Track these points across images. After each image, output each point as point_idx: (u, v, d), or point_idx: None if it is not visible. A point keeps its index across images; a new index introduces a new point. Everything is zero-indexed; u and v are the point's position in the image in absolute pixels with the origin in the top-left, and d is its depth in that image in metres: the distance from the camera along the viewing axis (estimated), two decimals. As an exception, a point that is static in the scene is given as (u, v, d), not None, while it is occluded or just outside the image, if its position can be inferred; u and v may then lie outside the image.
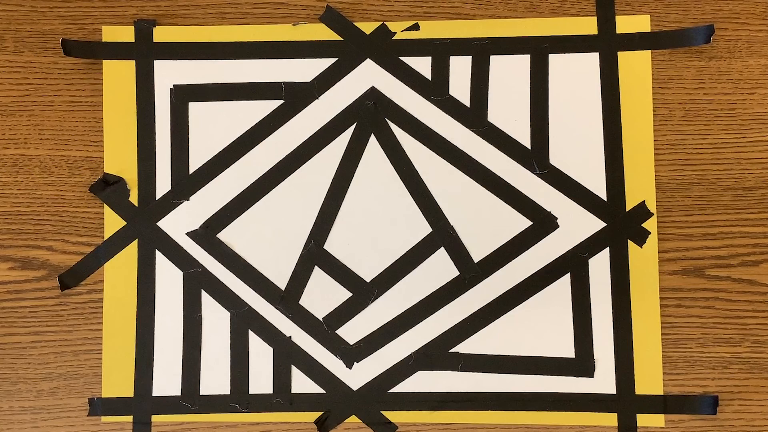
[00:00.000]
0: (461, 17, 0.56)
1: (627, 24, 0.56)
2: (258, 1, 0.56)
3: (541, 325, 0.54)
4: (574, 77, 0.55)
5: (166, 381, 0.55)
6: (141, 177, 0.56)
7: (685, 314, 0.54)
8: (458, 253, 0.55)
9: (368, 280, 0.55)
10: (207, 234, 0.55)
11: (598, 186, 0.55)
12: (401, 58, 0.56)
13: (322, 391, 0.54)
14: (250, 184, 0.55)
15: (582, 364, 0.54)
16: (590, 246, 0.54)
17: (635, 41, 0.55)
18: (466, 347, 0.54)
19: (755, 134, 0.55)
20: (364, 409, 0.54)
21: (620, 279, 0.54)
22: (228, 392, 0.54)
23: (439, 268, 0.55)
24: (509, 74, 0.56)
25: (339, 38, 0.56)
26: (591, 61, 0.56)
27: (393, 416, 0.54)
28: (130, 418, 0.54)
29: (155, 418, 0.54)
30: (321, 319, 0.55)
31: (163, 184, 0.56)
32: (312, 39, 0.56)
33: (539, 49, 0.56)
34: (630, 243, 0.54)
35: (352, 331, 0.55)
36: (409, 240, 0.55)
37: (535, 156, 0.55)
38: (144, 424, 0.54)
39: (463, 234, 0.55)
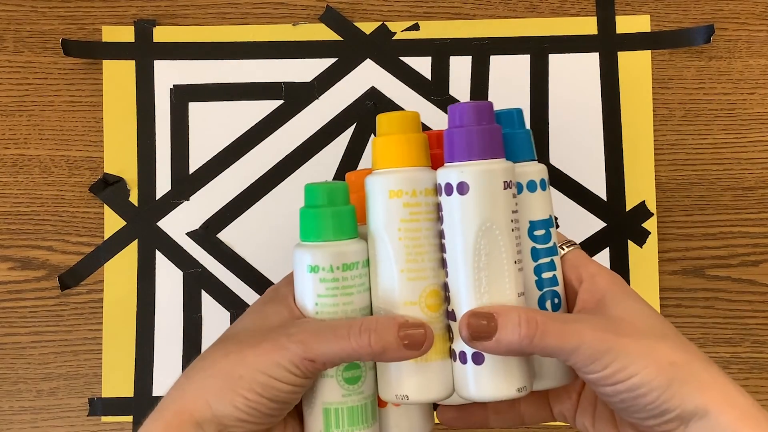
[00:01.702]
0: (461, 17, 0.56)
1: (627, 24, 0.56)
2: (258, 1, 0.56)
3: (541, 325, 0.54)
4: (574, 77, 0.55)
5: (166, 381, 0.54)
6: (141, 177, 0.56)
7: (685, 314, 0.54)
8: (458, 253, 0.54)
9: (368, 280, 0.55)
10: (207, 234, 0.55)
11: (598, 186, 0.55)
12: (401, 58, 0.56)
13: (322, 391, 0.54)
14: (250, 184, 0.55)
15: (582, 364, 0.54)
16: (590, 246, 0.54)
17: (635, 41, 0.55)
18: (466, 347, 0.54)
19: (755, 134, 0.55)
20: (364, 409, 0.54)
21: (620, 279, 0.54)
22: (228, 392, 0.54)
23: (439, 268, 0.55)
24: (509, 74, 0.56)
25: (339, 38, 0.56)
26: (591, 61, 0.56)
27: (393, 416, 0.54)
28: (130, 418, 0.54)
29: (155, 418, 0.54)
30: (321, 319, 0.55)
31: (163, 184, 0.56)
32: (312, 39, 0.56)
33: (539, 49, 0.56)
34: (630, 243, 0.54)
35: (352, 331, 0.55)
36: (409, 240, 0.55)
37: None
38: (144, 424, 0.54)
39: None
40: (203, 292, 0.55)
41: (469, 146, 0.33)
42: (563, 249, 0.38)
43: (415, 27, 0.56)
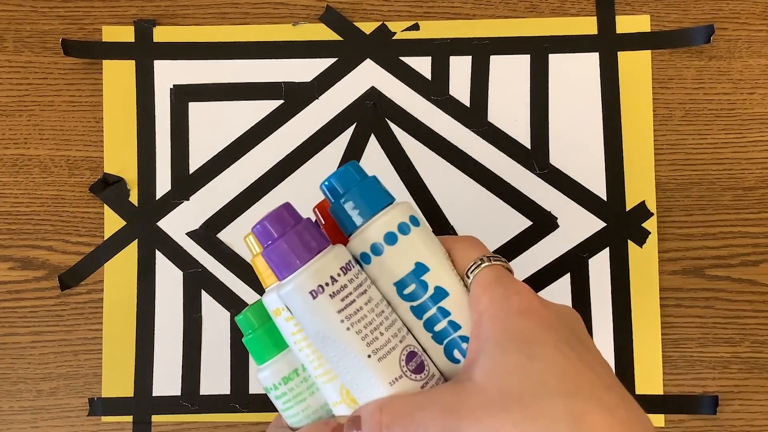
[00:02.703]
0: (461, 17, 0.56)
1: (627, 24, 0.56)
2: (258, 1, 0.56)
3: (541, 325, 0.54)
4: (574, 77, 0.55)
5: (166, 381, 0.54)
6: (141, 177, 0.56)
7: (685, 314, 0.54)
8: (458, 253, 0.54)
9: (368, 280, 0.55)
10: (207, 234, 0.55)
11: (598, 186, 0.55)
12: (401, 58, 0.56)
13: (322, 391, 0.54)
14: (250, 184, 0.55)
15: (582, 364, 0.54)
16: (590, 246, 0.54)
17: (635, 41, 0.55)
18: (466, 347, 0.54)
19: (755, 134, 0.55)
20: (364, 409, 0.54)
21: (620, 279, 0.54)
22: (228, 392, 0.54)
23: (439, 268, 0.55)
24: (509, 74, 0.56)
25: (339, 38, 0.56)
26: (591, 61, 0.56)
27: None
28: (130, 418, 0.54)
29: (155, 418, 0.54)
30: (321, 319, 0.55)
31: (163, 184, 0.56)
32: (312, 39, 0.56)
33: (539, 49, 0.56)
34: (630, 243, 0.54)
35: (352, 331, 0.55)
36: (409, 240, 0.55)
37: (535, 156, 0.55)
38: (144, 424, 0.54)
39: (464, 234, 0.55)
40: (203, 292, 0.55)
41: (275, 267, 0.32)
42: (468, 277, 0.33)
43: (415, 27, 0.56)
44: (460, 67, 0.56)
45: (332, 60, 0.56)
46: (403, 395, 0.30)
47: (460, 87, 0.56)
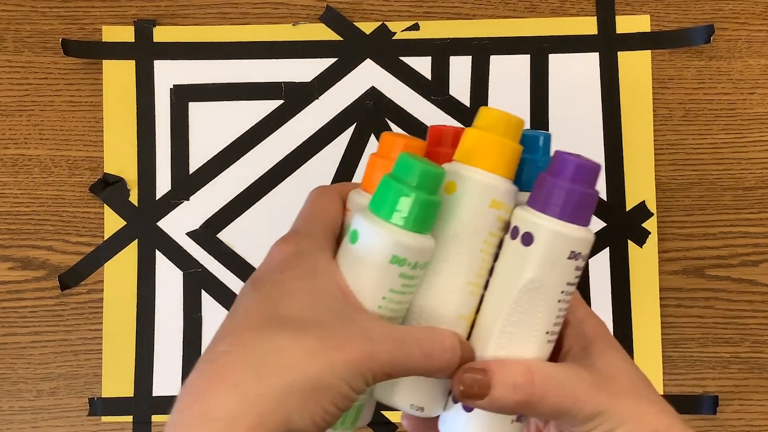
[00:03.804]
0: (461, 17, 0.56)
1: (627, 24, 0.56)
2: (258, 1, 0.56)
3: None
4: (574, 77, 0.55)
5: (166, 381, 0.54)
6: (141, 177, 0.56)
7: (685, 314, 0.54)
8: (458, 253, 0.54)
9: (368, 280, 0.55)
10: (207, 234, 0.55)
11: (598, 186, 0.55)
12: (401, 58, 0.56)
13: (322, 391, 0.54)
14: (251, 184, 0.55)
15: (582, 364, 0.54)
16: (590, 246, 0.54)
17: (635, 41, 0.55)
18: (466, 347, 0.54)
19: (755, 134, 0.55)
20: (364, 409, 0.54)
21: (620, 279, 0.54)
22: (228, 392, 0.54)
23: (439, 268, 0.55)
24: (509, 74, 0.56)
25: (339, 38, 0.56)
26: (591, 61, 0.56)
27: (393, 416, 0.54)
28: (130, 418, 0.54)
29: (155, 418, 0.54)
30: (321, 319, 0.55)
31: (163, 184, 0.56)
32: (312, 39, 0.56)
33: (539, 49, 0.56)
34: (630, 243, 0.54)
35: (352, 331, 0.55)
36: (409, 240, 0.55)
37: (535, 156, 0.55)
38: (144, 424, 0.54)
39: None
40: (203, 292, 0.55)
41: (556, 202, 0.30)
42: None
43: (415, 27, 0.56)
44: (460, 67, 0.56)
45: (332, 60, 0.56)
46: (546, 363, 0.32)
47: (460, 87, 0.56)
